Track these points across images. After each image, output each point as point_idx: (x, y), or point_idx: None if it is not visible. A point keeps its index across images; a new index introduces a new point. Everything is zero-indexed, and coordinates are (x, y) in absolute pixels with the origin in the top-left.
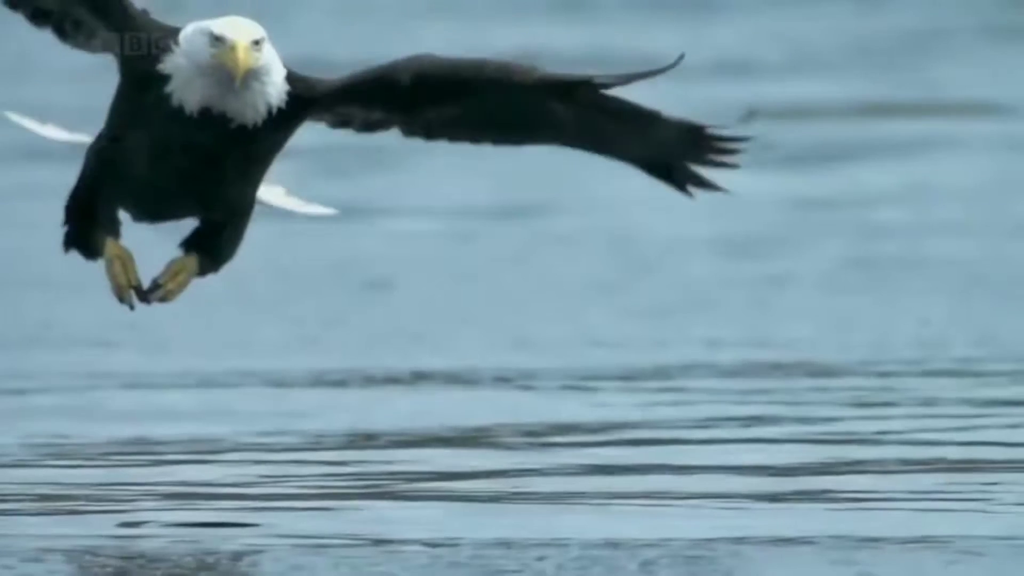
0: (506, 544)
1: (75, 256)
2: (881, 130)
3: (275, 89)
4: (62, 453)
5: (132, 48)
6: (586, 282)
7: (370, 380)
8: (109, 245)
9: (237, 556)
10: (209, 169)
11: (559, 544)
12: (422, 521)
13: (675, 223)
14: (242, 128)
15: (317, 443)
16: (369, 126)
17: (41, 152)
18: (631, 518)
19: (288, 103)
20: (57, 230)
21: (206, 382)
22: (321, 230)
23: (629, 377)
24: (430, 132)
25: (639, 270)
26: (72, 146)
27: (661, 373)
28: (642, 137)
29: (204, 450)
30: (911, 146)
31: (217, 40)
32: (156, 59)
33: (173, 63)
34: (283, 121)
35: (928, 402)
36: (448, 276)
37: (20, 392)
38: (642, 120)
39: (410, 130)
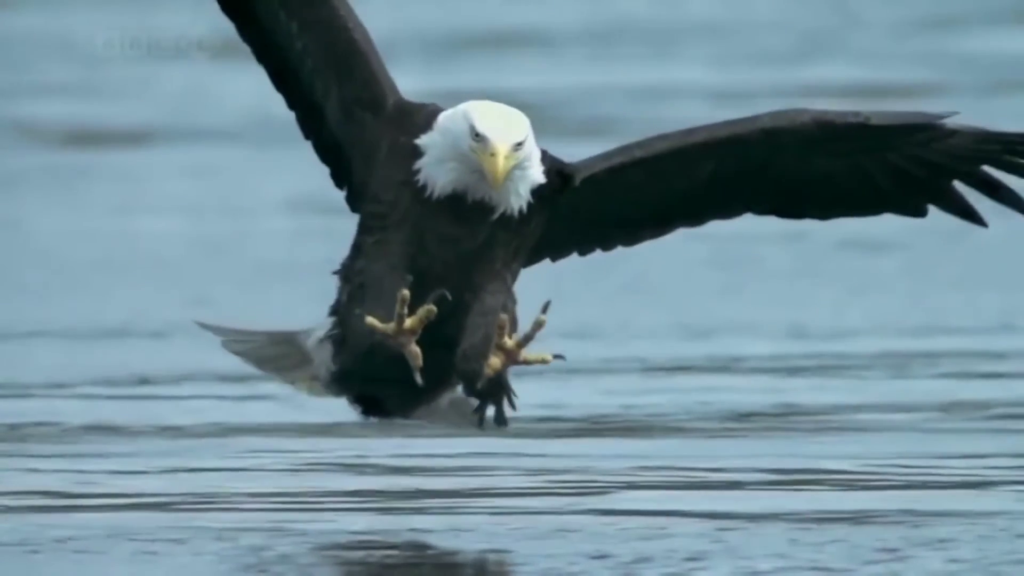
0: None
1: None
2: None
3: (535, 171)
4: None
5: None
6: None
7: None
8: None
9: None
10: (473, 264)
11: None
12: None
13: None
14: (506, 217)
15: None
16: (627, 232)
17: None
18: None
19: (547, 185)
20: None
21: None
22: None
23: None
24: (698, 211)
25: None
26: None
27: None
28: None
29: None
30: None
31: (479, 137)
32: (416, 133)
33: (429, 139)
34: (544, 204)
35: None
36: None
37: None
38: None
39: (688, 212)
